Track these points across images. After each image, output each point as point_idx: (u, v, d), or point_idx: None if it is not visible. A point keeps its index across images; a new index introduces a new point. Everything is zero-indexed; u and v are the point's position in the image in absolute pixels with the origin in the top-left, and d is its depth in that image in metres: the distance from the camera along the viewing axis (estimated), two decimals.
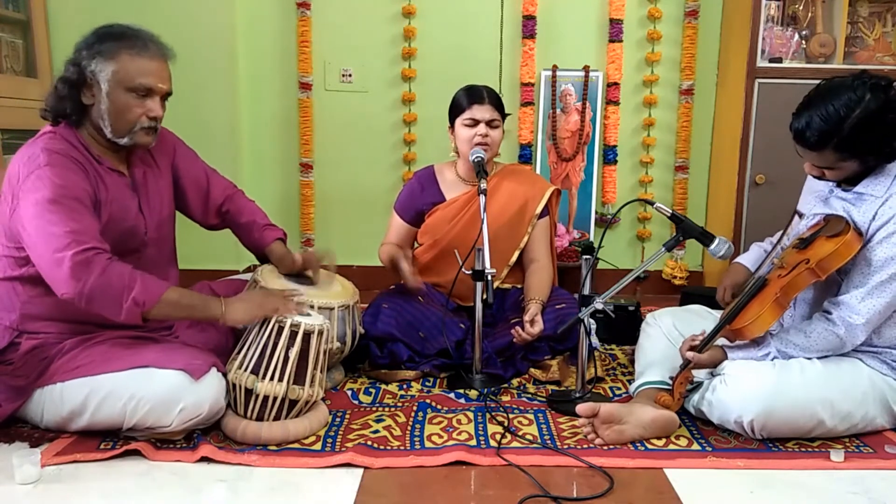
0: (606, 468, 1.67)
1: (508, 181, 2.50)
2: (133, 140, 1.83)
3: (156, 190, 1.98)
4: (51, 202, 1.67)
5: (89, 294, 1.65)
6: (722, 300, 2.11)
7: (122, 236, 1.84)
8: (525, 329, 2.20)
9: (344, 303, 2.12)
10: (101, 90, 1.77)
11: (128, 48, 1.78)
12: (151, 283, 1.72)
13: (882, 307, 1.77)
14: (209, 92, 3.21)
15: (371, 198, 3.44)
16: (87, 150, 1.82)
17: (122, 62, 1.77)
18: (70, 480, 1.61)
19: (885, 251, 1.76)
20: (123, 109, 1.79)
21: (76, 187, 1.72)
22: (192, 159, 2.14)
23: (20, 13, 2.98)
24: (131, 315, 1.68)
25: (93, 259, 1.65)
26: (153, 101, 1.82)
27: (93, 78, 1.77)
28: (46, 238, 1.66)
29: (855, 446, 1.81)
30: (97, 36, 1.80)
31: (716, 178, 3.41)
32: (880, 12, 3.12)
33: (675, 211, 1.93)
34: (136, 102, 1.80)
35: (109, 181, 1.84)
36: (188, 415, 1.71)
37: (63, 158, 1.74)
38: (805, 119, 1.76)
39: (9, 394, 1.77)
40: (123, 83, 1.77)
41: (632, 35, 3.34)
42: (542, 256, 2.51)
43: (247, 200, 2.23)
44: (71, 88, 1.78)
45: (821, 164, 1.82)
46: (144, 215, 1.93)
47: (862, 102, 1.70)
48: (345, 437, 1.82)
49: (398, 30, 3.33)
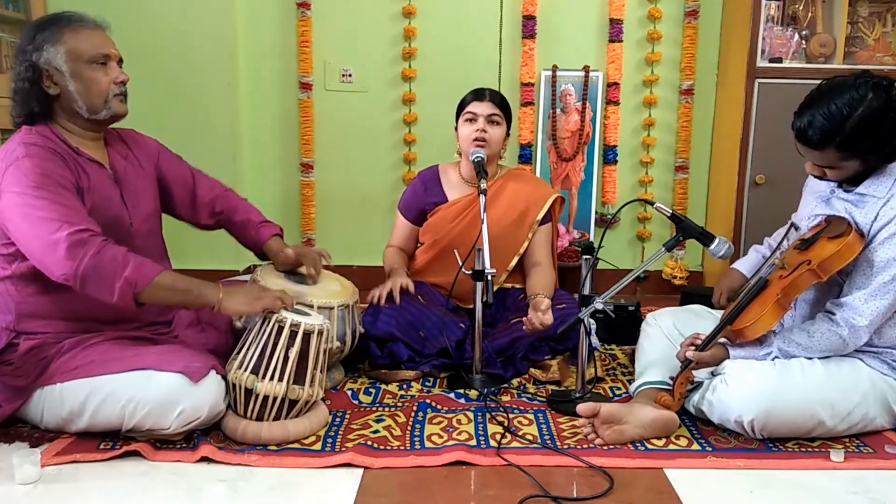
0: (606, 468, 1.67)
1: (511, 185, 2.50)
2: (110, 111, 1.84)
3: (137, 184, 1.98)
4: (35, 189, 1.67)
5: (83, 274, 1.64)
6: (717, 303, 2.12)
7: (108, 224, 1.83)
8: (539, 319, 2.14)
9: (343, 302, 2.12)
10: (62, 75, 1.78)
11: (67, 27, 1.80)
12: (145, 265, 1.71)
13: (885, 308, 1.77)
14: (209, 92, 3.21)
15: (372, 198, 3.44)
16: (64, 143, 1.82)
17: (69, 41, 1.79)
18: (70, 480, 1.61)
19: (888, 252, 1.76)
20: (92, 82, 1.81)
21: (58, 174, 1.73)
22: (177, 161, 2.15)
23: (20, 13, 2.98)
24: (124, 296, 1.67)
25: (88, 240, 1.65)
26: (114, 68, 1.85)
27: (49, 66, 1.78)
28: (36, 224, 1.66)
29: (855, 446, 1.81)
30: (34, 28, 1.82)
31: (716, 178, 3.40)
32: (880, 12, 3.12)
33: (675, 211, 1.93)
34: (101, 72, 1.82)
35: (90, 171, 1.84)
36: (187, 417, 1.70)
37: (41, 150, 1.74)
38: (807, 118, 1.75)
39: (9, 394, 1.77)
40: (81, 58, 1.79)
41: (632, 35, 3.33)
42: (544, 260, 2.51)
43: (239, 199, 2.23)
44: (32, 86, 1.79)
45: (822, 164, 1.82)
46: (127, 206, 1.92)
47: (864, 101, 1.70)
48: (345, 437, 1.82)
49: (398, 30, 3.33)
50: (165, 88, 3.15)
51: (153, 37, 3.12)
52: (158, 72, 3.13)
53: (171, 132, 2.29)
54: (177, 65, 3.18)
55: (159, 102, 3.11)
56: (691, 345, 1.88)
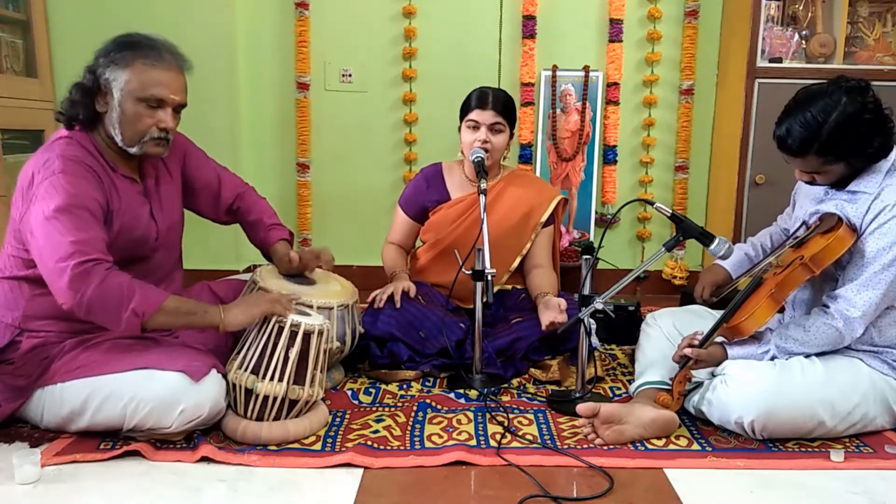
0: (606, 468, 1.67)
1: (514, 187, 2.50)
2: (143, 150, 1.83)
3: (167, 195, 1.99)
4: (60, 210, 1.67)
5: (87, 305, 1.65)
6: (699, 298, 2.14)
7: (133, 244, 1.85)
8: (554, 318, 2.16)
9: (343, 302, 2.12)
10: (113, 98, 1.78)
11: (143, 58, 1.78)
12: (150, 293, 1.71)
13: (878, 299, 1.78)
14: (209, 92, 3.20)
15: (372, 198, 3.44)
16: (101, 156, 1.82)
17: (135, 72, 1.76)
18: (70, 480, 1.61)
19: (878, 242, 1.78)
20: (134, 119, 1.78)
21: (87, 197, 1.72)
22: (203, 161, 2.14)
23: (20, 13, 2.98)
24: (130, 326, 1.68)
25: (91, 270, 1.64)
26: (164, 113, 1.81)
27: (107, 86, 1.77)
28: (51, 246, 1.66)
29: (855, 446, 1.81)
30: (115, 44, 1.80)
31: (716, 178, 3.41)
32: (880, 12, 3.12)
33: (675, 211, 1.93)
34: (147, 113, 1.79)
35: (122, 188, 1.84)
36: (188, 416, 1.71)
37: (78, 166, 1.74)
38: (785, 127, 1.79)
39: (9, 393, 1.77)
40: (135, 93, 1.77)
41: (632, 35, 3.33)
42: (545, 262, 2.50)
43: (257, 198, 2.24)
44: (85, 95, 1.78)
45: (807, 170, 1.85)
46: (156, 221, 1.93)
47: (839, 106, 1.74)
48: (345, 437, 1.82)
49: (398, 30, 3.33)
50: None
51: None
52: None
53: None
54: None
55: None
56: (689, 345, 1.88)
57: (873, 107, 1.75)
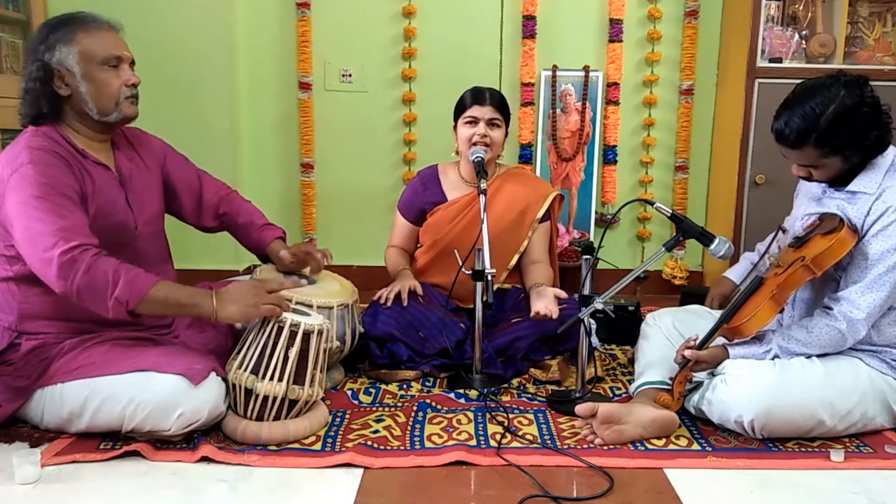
0: (606, 468, 1.67)
1: (511, 184, 2.50)
2: (121, 113, 1.84)
3: (143, 186, 1.98)
4: (36, 199, 1.67)
5: (78, 293, 1.65)
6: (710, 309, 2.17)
7: (112, 230, 1.83)
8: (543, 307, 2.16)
9: (343, 302, 2.12)
10: (74, 76, 1.78)
11: (81, 28, 1.80)
12: (137, 279, 1.69)
13: (881, 301, 1.78)
14: (209, 92, 3.21)
15: (372, 198, 3.44)
16: (70, 145, 1.81)
17: (82, 42, 1.78)
18: (70, 480, 1.61)
19: (882, 244, 1.78)
20: (103, 84, 1.80)
21: (60, 183, 1.72)
22: (184, 162, 2.15)
23: (20, 13, 2.98)
24: (117, 312, 1.67)
25: (78, 257, 1.65)
26: (126, 70, 1.85)
27: (61, 66, 1.78)
28: (34, 237, 1.66)
29: (855, 446, 1.81)
30: (47, 28, 1.81)
31: (716, 178, 3.40)
32: (880, 12, 3.12)
33: (675, 211, 1.94)
34: (113, 74, 1.82)
35: (95, 174, 1.83)
36: (187, 420, 1.70)
37: (46, 155, 1.74)
38: (784, 119, 1.81)
39: (9, 394, 1.77)
40: (95, 59, 1.79)
41: (632, 35, 3.33)
42: (542, 258, 2.51)
43: (243, 201, 2.23)
44: (43, 86, 1.78)
45: (804, 163, 1.85)
46: (133, 209, 1.92)
47: (837, 98, 1.75)
48: (345, 437, 1.82)
49: (398, 30, 3.33)
50: (165, 88, 3.14)
51: (153, 37, 3.11)
52: (158, 72, 3.12)
53: (171, 132, 2.28)
54: (177, 65, 3.18)
55: (159, 102, 3.10)
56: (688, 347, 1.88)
57: (871, 101, 1.77)
